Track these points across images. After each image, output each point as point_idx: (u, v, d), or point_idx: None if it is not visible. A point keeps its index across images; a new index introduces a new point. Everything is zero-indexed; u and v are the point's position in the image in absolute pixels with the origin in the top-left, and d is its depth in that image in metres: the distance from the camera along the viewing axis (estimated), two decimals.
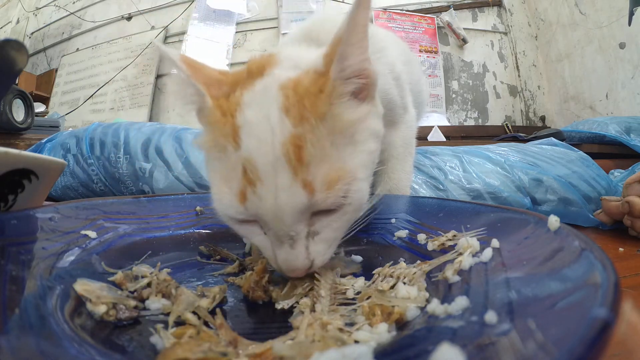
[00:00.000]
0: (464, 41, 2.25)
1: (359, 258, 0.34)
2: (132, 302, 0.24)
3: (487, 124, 2.23)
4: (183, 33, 2.17)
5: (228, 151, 0.26)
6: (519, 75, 2.32)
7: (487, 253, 0.24)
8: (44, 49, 2.46)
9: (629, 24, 0.77)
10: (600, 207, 0.54)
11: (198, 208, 0.41)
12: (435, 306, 0.21)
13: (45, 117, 1.78)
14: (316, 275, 0.28)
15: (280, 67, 0.29)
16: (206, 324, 0.23)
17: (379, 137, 0.31)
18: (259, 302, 0.28)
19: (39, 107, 1.82)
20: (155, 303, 0.25)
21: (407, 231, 0.35)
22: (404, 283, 0.26)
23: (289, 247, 0.27)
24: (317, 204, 0.25)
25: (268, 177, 0.25)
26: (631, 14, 0.74)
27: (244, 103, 0.27)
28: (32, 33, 2.48)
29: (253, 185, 0.25)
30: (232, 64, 2.11)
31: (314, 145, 0.25)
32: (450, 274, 0.25)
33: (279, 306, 0.27)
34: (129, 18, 2.33)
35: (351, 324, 0.23)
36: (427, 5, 2.29)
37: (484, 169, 0.63)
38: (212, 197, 0.28)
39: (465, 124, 2.24)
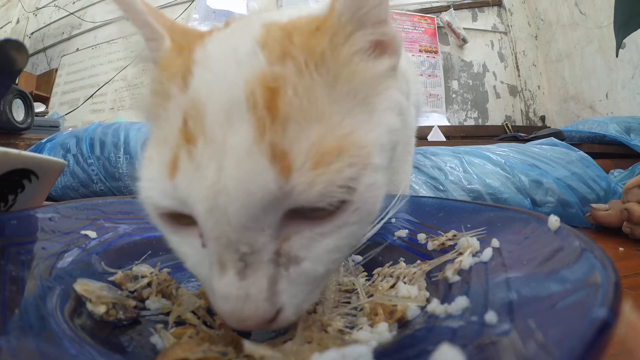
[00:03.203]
0: (464, 41, 2.25)
1: (358, 258, 0.34)
2: (132, 302, 0.24)
3: (487, 124, 2.23)
4: None
5: (171, 99, 0.18)
6: (519, 75, 2.32)
7: (487, 253, 0.24)
8: (44, 49, 2.46)
9: (617, 55, 0.78)
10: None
11: None
12: (435, 306, 0.21)
13: (45, 117, 1.78)
14: None
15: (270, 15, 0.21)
16: (206, 324, 0.23)
17: (403, 114, 0.21)
18: None
19: (39, 107, 1.82)
20: (155, 303, 0.25)
21: (407, 231, 0.35)
22: (404, 282, 0.26)
23: (234, 275, 0.16)
24: (294, 193, 0.16)
25: (216, 131, 0.16)
26: (618, 46, 0.76)
27: (209, 40, 0.19)
28: (32, 33, 2.48)
29: (192, 144, 0.16)
30: None
31: (298, 94, 0.16)
32: (450, 273, 0.25)
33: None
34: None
35: (351, 327, 0.23)
36: (427, 5, 2.28)
37: (485, 170, 0.63)
38: (140, 179, 0.19)
39: (465, 123, 2.24)
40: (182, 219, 0.18)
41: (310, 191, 0.16)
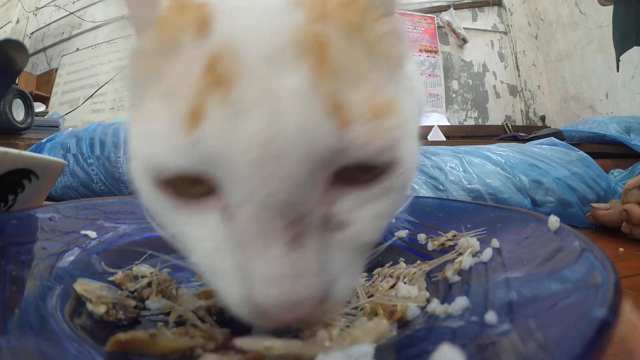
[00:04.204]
0: (464, 41, 2.25)
1: None
2: (132, 302, 0.24)
3: (487, 124, 2.23)
4: None
5: (181, 50, 0.15)
6: (519, 75, 2.32)
7: (487, 253, 0.24)
8: (44, 49, 2.46)
9: (617, 70, 0.79)
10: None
11: None
12: (435, 306, 0.21)
13: (45, 117, 1.78)
14: None
15: None
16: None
17: (414, 98, 0.20)
18: None
19: (39, 107, 1.82)
20: (155, 303, 0.25)
21: (407, 231, 0.35)
22: (404, 283, 0.26)
23: (282, 247, 0.14)
24: (353, 147, 0.14)
25: (261, 73, 0.14)
26: (618, 60, 0.76)
27: None
28: (32, 33, 2.48)
29: (226, 87, 0.14)
30: None
31: (344, 52, 0.15)
32: (450, 274, 0.25)
33: None
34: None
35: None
36: (427, 5, 2.28)
37: (485, 170, 0.63)
38: (130, 141, 0.17)
39: (465, 123, 2.24)
40: (190, 189, 0.15)
41: (370, 145, 0.14)
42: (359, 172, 0.15)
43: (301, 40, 0.14)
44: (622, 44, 0.78)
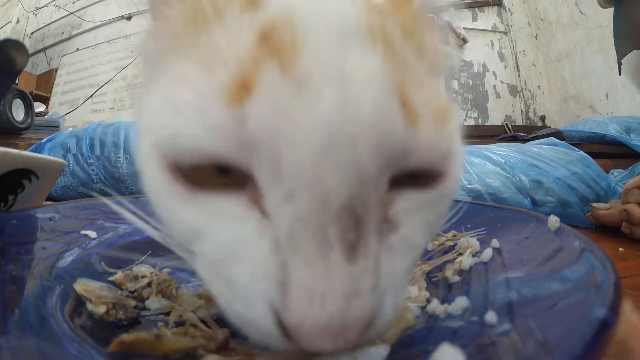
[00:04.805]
0: (464, 41, 2.25)
1: None
2: (132, 302, 0.24)
3: (487, 124, 2.23)
4: None
5: (226, 18, 0.13)
6: (519, 75, 2.32)
7: (487, 253, 0.24)
8: (44, 49, 2.46)
9: (619, 73, 0.79)
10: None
11: None
12: (435, 306, 0.21)
13: (45, 117, 1.78)
14: None
15: None
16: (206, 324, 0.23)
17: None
18: None
19: (39, 107, 1.82)
20: (155, 303, 0.25)
21: None
22: None
23: (341, 255, 0.12)
24: (420, 149, 0.13)
25: (328, 48, 0.12)
26: (620, 63, 0.77)
27: None
28: (32, 33, 2.48)
29: (286, 57, 0.12)
30: None
31: (404, 50, 0.14)
32: (450, 274, 0.25)
33: None
34: (129, 18, 2.32)
35: None
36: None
37: (485, 170, 0.63)
38: (143, 115, 0.14)
39: (465, 123, 2.24)
40: (212, 179, 0.13)
41: (436, 150, 0.13)
42: (416, 176, 0.14)
43: (371, 25, 0.13)
44: (623, 47, 0.78)
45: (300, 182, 0.12)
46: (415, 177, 0.14)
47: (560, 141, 0.72)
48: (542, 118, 2.28)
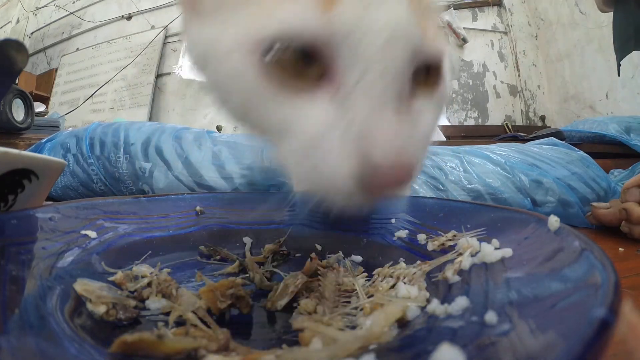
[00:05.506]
0: (464, 41, 2.25)
1: (359, 258, 0.34)
2: (132, 302, 0.24)
3: (487, 124, 2.23)
4: None
5: None
6: (519, 75, 2.32)
7: (496, 254, 0.24)
8: (44, 49, 2.46)
9: (618, 74, 0.80)
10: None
11: (198, 208, 0.41)
12: (435, 306, 0.21)
13: (45, 117, 1.78)
14: (320, 276, 0.28)
15: None
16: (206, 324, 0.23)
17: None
18: (260, 304, 0.28)
19: (39, 107, 1.82)
20: (155, 303, 0.25)
21: (407, 231, 0.35)
22: (404, 283, 0.26)
23: (397, 111, 0.19)
24: (424, 42, 0.19)
25: None
26: (619, 65, 0.77)
27: None
28: (32, 33, 2.48)
29: None
30: None
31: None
32: (450, 274, 0.25)
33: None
34: (129, 18, 2.33)
35: (353, 327, 0.23)
36: None
37: (485, 170, 0.63)
38: (230, 28, 0.20)
39: (465, 123, 2.24)
40: (301, 71, 0.18)
41: (433, 46, 0.20)
42: (428, 65, 0.21)
43: None
44: (622, 49, 0.79)
45: (370, 61, 0.18)
46: (426, 78, 0.21)
47: (560, 141, 0.72)
48: (542, 118, 2.28)
